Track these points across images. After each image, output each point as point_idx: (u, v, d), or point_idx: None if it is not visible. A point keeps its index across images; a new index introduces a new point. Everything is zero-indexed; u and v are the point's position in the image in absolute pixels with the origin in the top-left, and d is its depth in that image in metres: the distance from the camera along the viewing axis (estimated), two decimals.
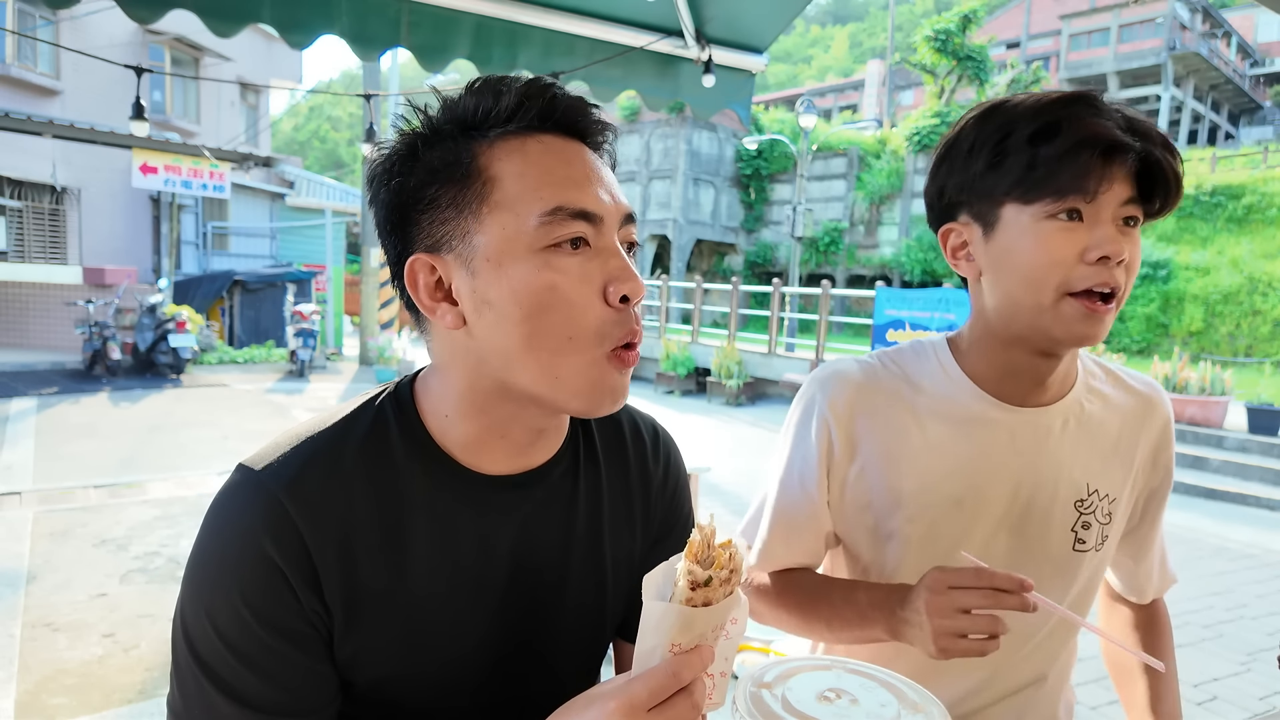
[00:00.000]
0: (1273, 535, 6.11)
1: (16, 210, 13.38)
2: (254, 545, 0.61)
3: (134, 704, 2.78)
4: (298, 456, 0.65)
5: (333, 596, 0.63)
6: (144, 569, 4.09)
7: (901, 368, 0.97)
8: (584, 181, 0.64)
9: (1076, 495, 0.93)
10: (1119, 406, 0.97)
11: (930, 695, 0.46)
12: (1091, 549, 0.94)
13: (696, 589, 0.57)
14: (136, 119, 3.45)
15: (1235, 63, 35.74)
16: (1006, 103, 0.84)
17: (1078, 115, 0.78)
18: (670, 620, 0.57)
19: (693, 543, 0.58)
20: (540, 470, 0.73)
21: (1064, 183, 0.78)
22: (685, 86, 2.67)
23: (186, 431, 7.53)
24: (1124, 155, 0.78)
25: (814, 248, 23.33)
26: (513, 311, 0.62)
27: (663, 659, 0.58)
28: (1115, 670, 1.07)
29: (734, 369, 11.81)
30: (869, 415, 0.94)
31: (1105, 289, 0.80)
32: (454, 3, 2.25)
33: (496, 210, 0.62)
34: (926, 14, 43.91)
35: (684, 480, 0.89)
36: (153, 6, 2.03)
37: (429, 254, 0.65)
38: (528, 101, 0.64)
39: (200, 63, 16.44)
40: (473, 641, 0.69)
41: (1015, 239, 0.83)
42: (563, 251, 0.62)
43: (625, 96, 2.81)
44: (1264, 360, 15.12)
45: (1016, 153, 0.81)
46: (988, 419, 0.92)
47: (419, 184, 0.64)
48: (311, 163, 53.27)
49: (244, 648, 0.61)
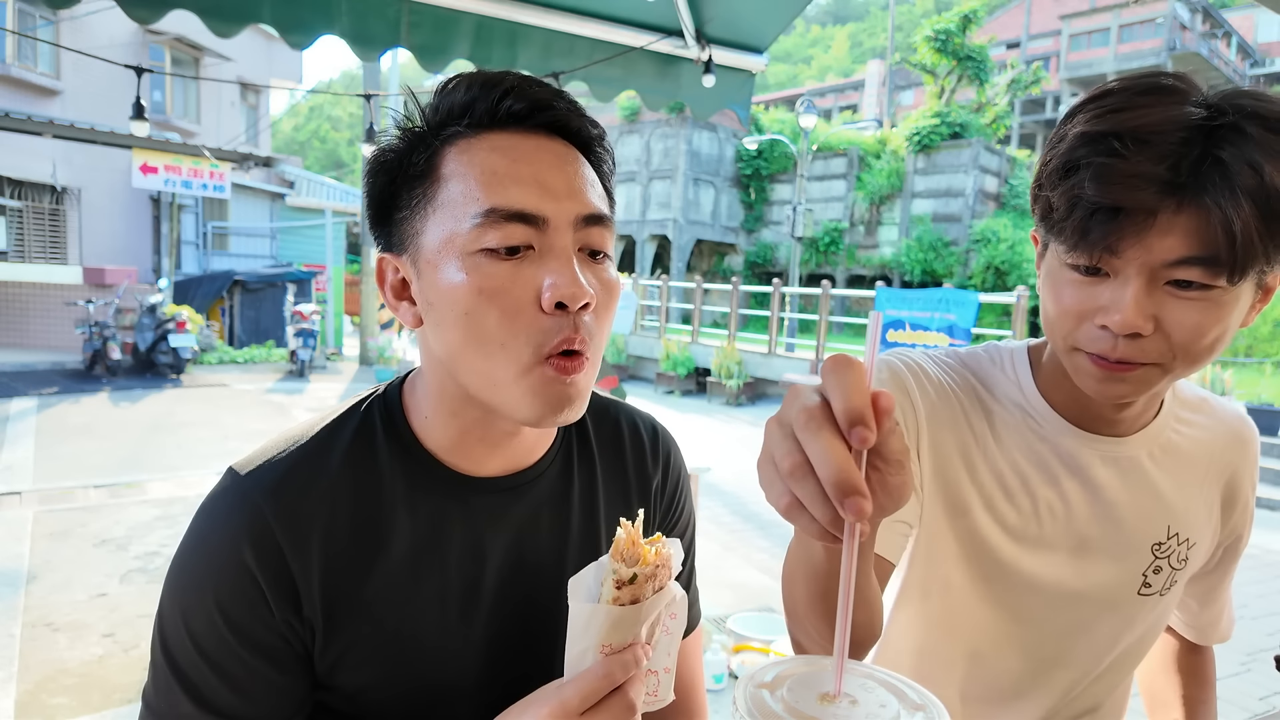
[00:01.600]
0: (1273, 535, 6.11)
1: (17, 210, 13.38)
2: (233, 553, 0.61)
3: (134, 704, 2.78)
4: (283, 463, 0.65)
5: (312, 608, 0.63)
6: (144, 569, 4.09)
7: (969, 369, 0.87)
8: (528, 179, 0.60)
9: (1155, 538, 0.83)
10: (1206, 439, 0.86)
11: (931, 696, 0.46)
12: (1156, 594, 0.85)
13: (622, 587, 0.56)
14: (137, 119, 3.45)
15: (1235, 63, 35.72)
16: (1077, 111, 0.69)
17: (1102, 159, 0.63)
18: (599, 621, 0.57)
19: (618, 541, 0.58)
20: (530, 471, 0.72)
21: (1070, 238, 0.67)
22: (685, 86, 2.67)
23: (186, 431, 7.53)
24: (1174, 207, 0.62)
25: (814, 248, 23.32)
26: (448, 315, 0.61)
27: (594, 661, 0.57)
28: (1151, 701, 1.03)
29: (734, 369, 11.81)
30: (946, 408, 0.83)
31: (1111, 358, 0.68)
32: (454, 3, 2.25)
33: (439, 211, 0.61)
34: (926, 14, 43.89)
35: (685, 479, 0.88)
36: (153, 6, 2.03)
37: (393, 253, 0.65)
38: (480, 96, 0.62)
39: (200, 63, 16.44)
40: (465, 647, 0.68)
41: (1046, 273, 0.74)
42: (497, 256, 0.59)
43: (625, 96, 2.81)
44: (1264, 360, 15.12)
45: (1042, 186, 0.70)
46: (1062, 446, 0.82)
47: (387, 182, 0.65)
48: (311, 163, 53.25)
49: (213, 653, 0.61)
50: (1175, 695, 1.00)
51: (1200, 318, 0.65)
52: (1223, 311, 0.65)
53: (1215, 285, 0.64)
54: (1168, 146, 0.62)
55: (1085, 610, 0.84)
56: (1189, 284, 0.64)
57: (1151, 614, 0.86)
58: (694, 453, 3.54)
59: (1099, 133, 0.64)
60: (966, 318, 9.10)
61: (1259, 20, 36.94)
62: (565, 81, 2.52)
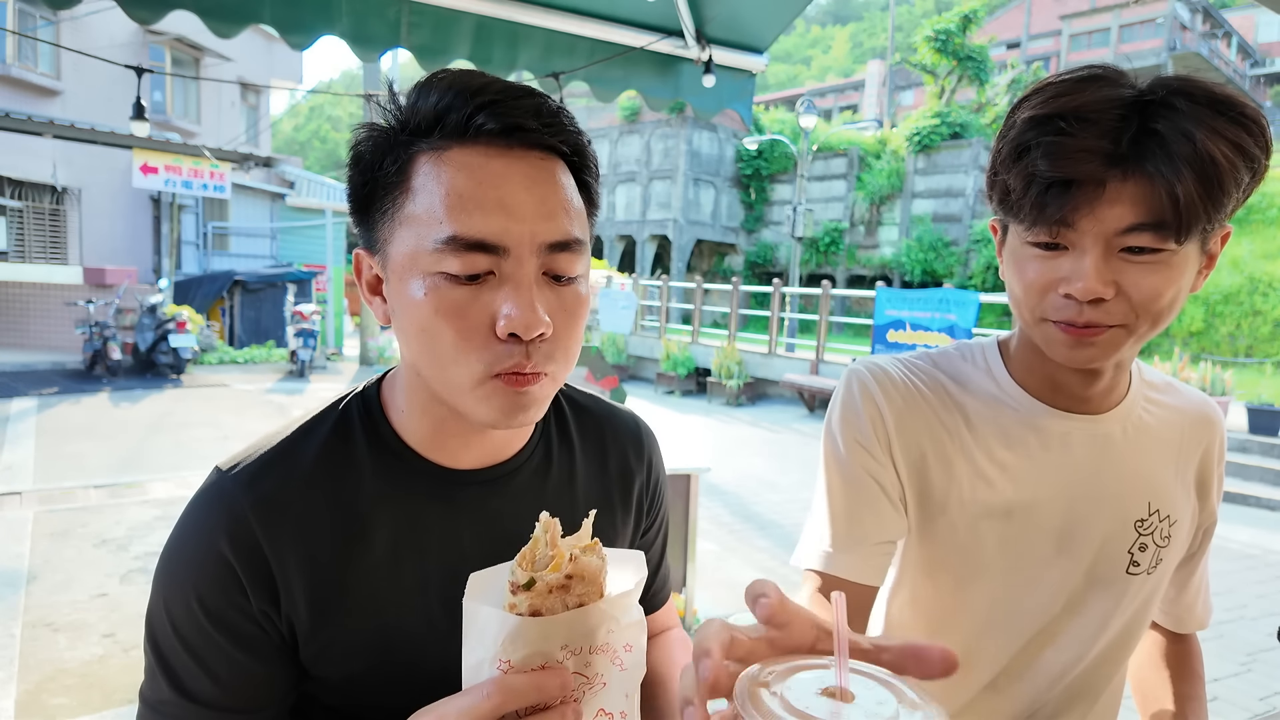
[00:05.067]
0: (1273, 535, 6.11)
1: (17, 210, 13.39)
2: (212, 547, 0.63)
3: (134, 704, 2.78)
4: (260, 459, 0.67)
5: (290, 601, 0.64)
6: (144, 569, 4.09)
7: (941, 369, 0.91)
8: (493, 206, 0.59)
9: (1138, 514, 0.86)
10: (1175, 420, 0.90)
11: (930, 698, 0.46)
12: (1144, 572, 0.87)
13: (518, 593, 0.50)
14: (137, 119, 3.45)
15: (1236, 63, 35.73)
16: (1022, 102, 0.75)
17: (1050, 137, 0.69)
18: (493, 629, 0.50)
19: (533, 539, 0.53)
20: (510, 463, 0.74)
21: (1028, 215, 0.72)
22: (686, 87, 2.67)
23: (187, 431, 7.53)
24: (1119, 176, 0.68)
25: (814, 248, 23.32)
26: (409, 327, 0.62)
27: (489, 676, 0.51)
28: (1142, 700, 1.03)
29: (734, 369, 11.81)
30: (915, 412, 0.87)
31: (1079, 323, 0.73)
32: (454, 3, 2.25)
33: (406, 224, 0.61)
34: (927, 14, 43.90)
35: (664, 479, 0.89)
36: (153, 7, 2.03)
37: (367, 250, 0.67)
38: (451, 108, 0.60)
39: (201, 63, 16.45)
40: (447, 636, 0.67)
41: (1008, 254, 0.79)
42: (457, 280, 0.59)
43: (625, 96, 2.81)
44: (1264, 360, 15.12)
45: (998, 172, 0.75)
46: (1039, 426, 0.85)
47: (362, 182, 0.65)
48: (312, 163, 53.24)
49: (194, 642, 0.63)
50: (1166, 691, 1.00)
51: (1155, 279, 0.71)
52: (1175, 273, 0.72)
53: (1164, 248, 0.70)
54: (1108, 123, 0.68)
55: (1075, 589, 0.87)
56: (1141, 249, 0.70)
57: (1141, 594, 0.88)
58: (694, 453, 3.54)
59: (1045, 115, 0.70)
60: (967, 318, 9.10)
61: (1259, 20, 36.95)
62: (566, 82, 2.52)
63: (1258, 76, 38.02)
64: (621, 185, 24.79)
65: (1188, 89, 0.68)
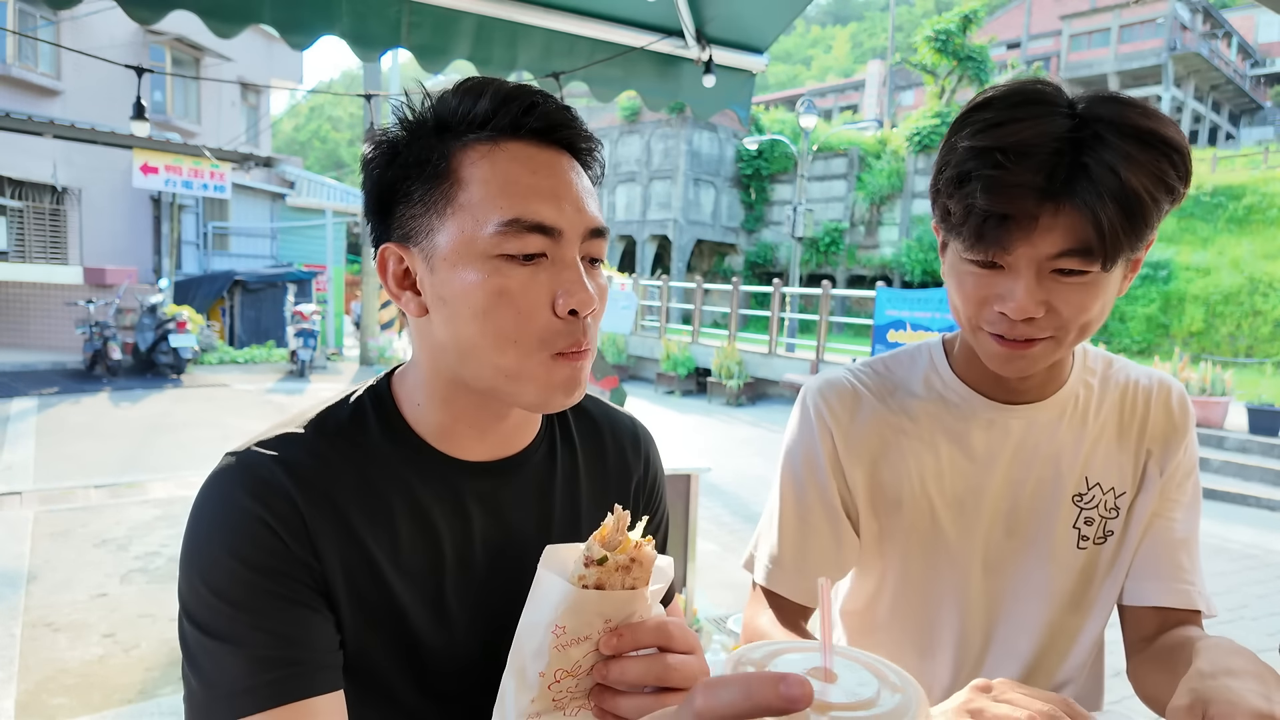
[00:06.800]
0: (1273, 535, 6.11)
1: (17, 210, 13.39)
2: (246, 511, 0.63)
3: (134, 704, 2.78)
4: (281, 439, 0.68)
5: (329, 562, 0.65)
6: (144, 569, 4.09)
7: (893, 372, 0.98)
8: (548, 194, 0.64)
9: (1075, 490, 0.92)
10: (1115, 396, 0.95)
11: (911, 679, 0.47)
12: (1092, 543, 0.92)
13: (590, 565, 0.57)
14: (137, 119, 3.44)
15: (1236, 63, 35.73)
16: (965, 122, 0.77)
17: (989, 171, 0.72)
18: (557, 597, 0.57)
19: (605, 525, 0.59)
20: (518, 457, 0.76)
21: (967, 239, 0.77)
22: (686, 87, 2.67)
23: (187, 431, 7.54)
24: (1052, 210, 0.72)
25: (814, 248, 23.33)
26: (463, 310, 0.64)
27: (544, 638, 0.58)
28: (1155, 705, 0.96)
29: (734, 369, 11.82)
30: (864, 420, 0.94)
31: (1011, 336, 0.78)
32: (454, 3, 2.25)
33: (459, 212, 0.64)
34: (927, 14, 43.91)
35: (662, 479, 0.91)
36: (153, 7, 2.04)
37: (399, 244, 0.68)
38: (504, 108, 0.65)
39: (201, 63, 16.45)
40: (455, 621, 0.71)
41: (949, 265, 0.84)
42: (515, 262, 0.63)
43: (625, 97, 2.82)
44: (1265, 361, 15.12)
45: (940, 192, 0.79)
46: (981, 419, 0.92)
47: (396, 177, 0.67)
48: (312, 163, 53.29)
49: (245, 600, 0.61)
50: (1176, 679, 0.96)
51: (1083, 297, 0.77)
52: (1100, 289, 0.77)
53: (1091, 270, 0.75)
54: (1043, 157, 0.71)
55: (1030, 569, 0.92)
56: (1071, 271, 0.75)
57: (1099, 565, 0.93)
58: (694, 453, 3.54)
59: (984, 147, 0.73)
60: None
61: (1259, 20, 36.97)
62: (566, 82, 2.52)
63: (1258, 76, 38.03)
64: (622, 185, 24.79)
65: (1118, 119, 0.71)
